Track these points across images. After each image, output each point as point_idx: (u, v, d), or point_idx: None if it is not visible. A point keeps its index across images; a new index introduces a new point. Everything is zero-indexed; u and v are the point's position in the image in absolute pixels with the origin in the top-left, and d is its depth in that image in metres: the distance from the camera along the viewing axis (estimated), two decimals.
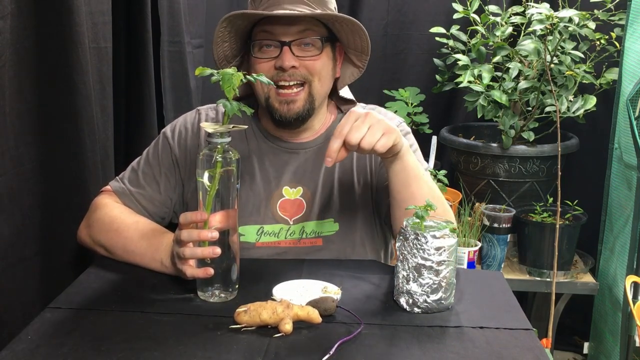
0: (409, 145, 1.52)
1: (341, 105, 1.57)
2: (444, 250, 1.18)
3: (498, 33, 2.48)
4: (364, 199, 1.51)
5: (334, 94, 1.55)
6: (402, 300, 1.22)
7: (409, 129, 1.57)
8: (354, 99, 1.58)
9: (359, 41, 1.47)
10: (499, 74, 2.50)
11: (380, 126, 1.26)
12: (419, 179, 1.36)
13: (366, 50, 1.49)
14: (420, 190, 1.34)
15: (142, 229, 1.41)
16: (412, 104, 2.78)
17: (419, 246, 1.18)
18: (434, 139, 2.64)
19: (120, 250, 1.40)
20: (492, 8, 2.56)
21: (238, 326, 1.12)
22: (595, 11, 2.40)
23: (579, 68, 2.42)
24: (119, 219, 1.43)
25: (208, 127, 1.21)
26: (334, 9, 1.48)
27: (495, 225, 2.39)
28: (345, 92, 1.58)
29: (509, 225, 2.41)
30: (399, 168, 1.35)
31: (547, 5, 2.38)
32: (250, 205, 1.48)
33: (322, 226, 1.49)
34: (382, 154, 1.29)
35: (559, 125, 2.30)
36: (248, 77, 1.20)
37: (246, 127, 1.34)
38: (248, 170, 1.50)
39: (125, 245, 1.39)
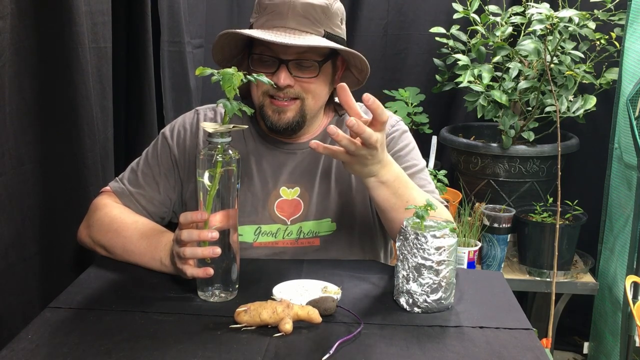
0: (404, 146, 1.52)
1: (340, 109, 1.57)
2: (444, 250, 1.18)
3: (498, 33, 2.48)
4: (362, 200, 1.51)
5: (330, 100, 1.55)
6: (402, 300, 1.22)
7: (406, 128, 1.57)
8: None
9: (359, 64, 1.47)
10: (499, 74, 2.50)
11: (364, 163, 1.26)
12: (397, 206, 1.34)
13: (365, 72, 1.49)
14: (403, 207, 1.33)
15: (141, 228, 1.41)
16: (412, 104, 2.78)
17: (419, 246, 1.18)
18: (434, 139, 2.64)
19: (119, 250, 1.40)
20: (492, 8, 2.56)
21: (238, 326, 1.12)
22: (595, 11, 2.40)
23: (579, 68, 2.42)
24: (119, 219, 1.43)
25: (208, 126, 1.21)
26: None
27: (495, 225, 2.39)
28: None
29: (509, 225, 2.41)
30: (376, 190, 1.34)
31: (547, 5, 2.38)
32: (248, 205, 1.48)
33: (319, 226, 1.49)
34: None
35: (559, 125, 2.30)
36: (248, 77, 1.20)
37: (246, 127, 1.34)
38: (246, 171, 1.50)
39: (125, 245, 1.39)
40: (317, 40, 1.38)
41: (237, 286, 1.26)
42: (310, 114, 1.46)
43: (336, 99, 1.55)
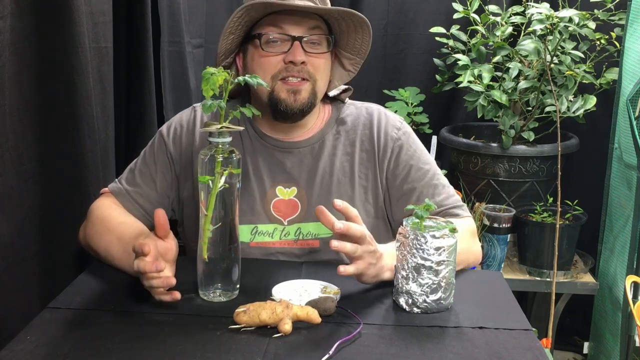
0: (413, 153, 1.53)
1: (338, 96, 1.58)
2: (444, 250, 1.18)
3: (498, 33, 2.48)
4: (364, 202, 1.50)
5: (326, 95, 1.55)
6: (402, 300, 1.22)
7: (410, 130, 1.57)
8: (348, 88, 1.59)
9: (359, 42, 1.47)
10: (499, 74, 2.50)
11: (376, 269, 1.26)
12: None
13: (363, 53, 1.49)
14: None
15: (122, 231, 1.39)
16: (412, 104, 2.78)
17: (418, 246, 1.18)
18: (434, 138, 2.64)
19: (103, 253, 1.39)
20: (492, 8, 2.56)
21: (237, 326, 1.12)
22: (595, 11, 2.40)
23: (579, 68, 2.42)
24: (106, 221, 1.42)
25: (207, 128, 1.21)
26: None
27: (495, 225, 2.39)
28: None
29: (509, 225, 2.41)
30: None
31: (547, 5, 2.38)
32: (245, 204, 1.48)
33: (319, 228, 1.48)
34: None
35: (559, 125, 2.30)
36: (246, 79, 1.20)
37: (242, 128, 1.33)
38: (242, 170, 1.49)
39: (107, 249, 1.38)
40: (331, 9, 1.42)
41: (237, 286, 1.26)
42: (319, 96, 1.47)
43: (331, 94, 1.55)
